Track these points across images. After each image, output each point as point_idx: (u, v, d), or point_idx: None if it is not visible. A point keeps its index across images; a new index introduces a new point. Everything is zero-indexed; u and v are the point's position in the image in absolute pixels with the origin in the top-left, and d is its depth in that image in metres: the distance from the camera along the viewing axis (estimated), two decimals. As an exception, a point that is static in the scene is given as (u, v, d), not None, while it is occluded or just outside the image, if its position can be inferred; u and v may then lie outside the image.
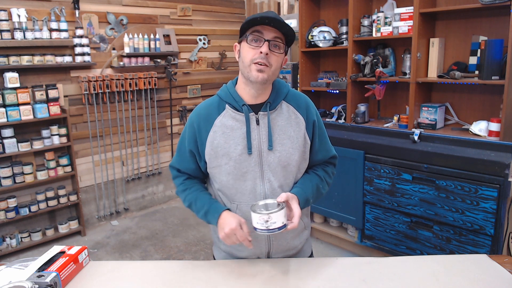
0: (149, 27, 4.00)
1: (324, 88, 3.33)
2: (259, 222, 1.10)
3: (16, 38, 3.08)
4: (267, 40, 1.17)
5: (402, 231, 2.67)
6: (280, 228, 1.11)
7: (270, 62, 1.18)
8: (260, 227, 1.11)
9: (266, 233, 1.11)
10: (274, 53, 1.18)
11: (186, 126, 1.33)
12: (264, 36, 1.17)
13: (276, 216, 1.10)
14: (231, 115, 1.26)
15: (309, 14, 3.40)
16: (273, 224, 1.09)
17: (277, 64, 1.21)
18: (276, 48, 1.19)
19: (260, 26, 1.18)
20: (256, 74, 1.18)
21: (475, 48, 2.53)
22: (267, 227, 1.10)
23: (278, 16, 1.19)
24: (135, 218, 4.04)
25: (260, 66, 1.17)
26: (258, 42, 1.18)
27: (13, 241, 3.23)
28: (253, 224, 1.12)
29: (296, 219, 1.14)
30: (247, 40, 1.19)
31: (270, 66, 1.18)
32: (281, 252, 1.34)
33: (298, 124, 1.29)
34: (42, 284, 1.07)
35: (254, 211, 1.12)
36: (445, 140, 2.53)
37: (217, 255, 1.45)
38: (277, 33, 1.18)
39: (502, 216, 2.19)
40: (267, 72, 1.18)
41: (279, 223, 1.10)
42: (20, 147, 3.16)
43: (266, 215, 1.09)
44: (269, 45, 1.17)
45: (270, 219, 1.09)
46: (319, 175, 1.35)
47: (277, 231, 1.10)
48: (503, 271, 1.21)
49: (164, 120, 4.33)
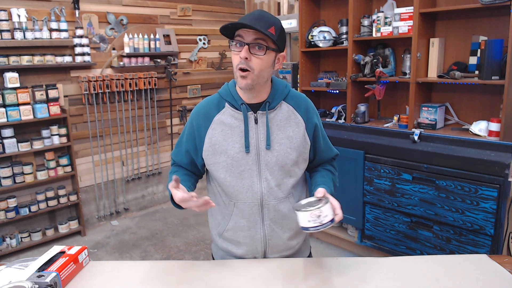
0: (149, 27, 4.00)
1: (324, 88, 3.33)
2: (311, 220, 1.10)
3: (16, 38, 3.08)
4: (246, 43, 1.15)
5: (402, 231, 2.67)
6: (332, 221, 1.11)
7: (252, 66, 1.16)
8: (313, 224, 1.10)
9: (321, 229, 1.10)
10: (255, 56, 1.16)
11: (187, 124, 1.36)
12: (244, 40, 1.15)
13: (326, 209, 1.10)
14: (230, 113, 1.27)
15: (309, 14, 3.41)
16: (325, 218, 1.10)
17: (261, 66, 1.17)
18: (256, 50, 1.15)
19: (240, 30, 1.16)
20: (240, 81, 1.19)
21: (475, 48, 2.53)
22: (320, 222, 1.09)
23: (263, 15, 1.16)
24: (135, 218, 4.04)
25: (242, 72, 1.16)
26: (240, 46, 1.17)
27: (13, 241, 3.24)
28: (303, 224, 1.11)
29: (339, 210, 1.15)
30: (231, 47, 1.20)
31: (252, 70, 1.16)
32: (277, 252, 1.34)
33: (297, 124, 1.29)
34: (42, 284, 1.07)
35: (300, 210, 1.11)
36: (445, 140, 2.53)
37: (215, 253, 1.46)
38: (258, 34, 1.14)
39: (502, 216, 2.19)
40: (250, 77, 1.17)
41: (330, 216, 1.11)
42: (20, 147, 3.16)
43: (318, 209, 1.09)
44: (249, 48, 1.15)
45: (321, 213, 1.09)
46: (331, 171, 1.40)
47: (330, 224, 1.10)
48: (503, 271, 1.20)
49: (164, 120, 4.33)
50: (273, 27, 1.15)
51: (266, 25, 1.13)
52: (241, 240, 1.32)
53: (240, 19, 1.17)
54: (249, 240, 1.31)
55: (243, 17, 1.18)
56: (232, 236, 1.33)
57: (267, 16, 1.17)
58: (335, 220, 1.12)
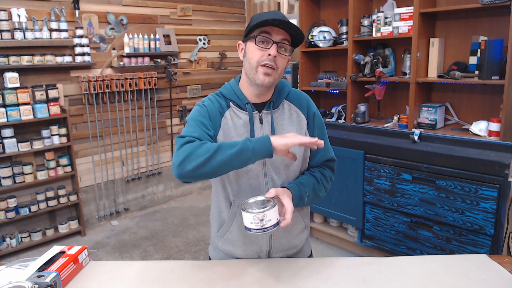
0: (149, 27, 4.00)
1: (324, 88, 3.33)
2: (253, 222, 1.04)
3: (16, 38, 3.07)
4: (275, 42, 1.16)
5: (402, 231, 2.67)
6: (275, 225, 1.05)
7: (277, 64, 1.18)
8: (254, 226, 1.04)
9: (261, 233, 1.05)
10: (281, 55, 1.18)
11: (197, 108, 1.24)
12: (272, 38, 1.16)
13: (271, 213, 1.04)
14: (235, 112, 1.26)
15: (309, 14, 3.40)
16: (268, 222, 1.04)
17: (283, 66, 1.21)
18: (283, 51, 1.18)
19: (268, 27, 1.16)
20: (262, 78, 1.18)
21: (475, 48, 2.53)
22: (262, 226, 1.04)
23: (286, 17, 1.18)
24: (135, 218, 4.04)
25: (268, 69, 1.17)
26: (266, 43, 1.17)
27: (13, 241, 3.23)
28: (246, 225, 1.07)
29: (289, 215, 1.09)
30: (255, 41, 1.18)
31: (276, 69, 1.18)
32: (281, 251, 1.34)
33: (299, 122, 1.30)
34: (42, 284, 1.07)
35: (245, 210, 1.06)
36: (445, 140, 2.53)
37: (214, 256, 1.43)
38: (285, 35, 1.17)
39: (502, 216, 2.19)
40: (274, 76, 1.19)
41: (274, 220, 1.05)
42: (20, 147, 3.16)
43: (261, 213, 1.03)
44: (277, 47, 1.16)
45: (265, 217, 1.03)
46: (315, 176, 1.31)
47: (272, 229, 1.05)
48: (503, 271, 1.20)
49: (164, 120, 4.33)
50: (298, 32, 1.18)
51: (296, 30, 1.17)
52: (246, 240, 1.31)
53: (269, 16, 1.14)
54: (254, 241, 1.30)
55: (272, 14, 1.15)
56: (236, 236, 1.31)
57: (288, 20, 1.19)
58: (279, 225, 1.07)
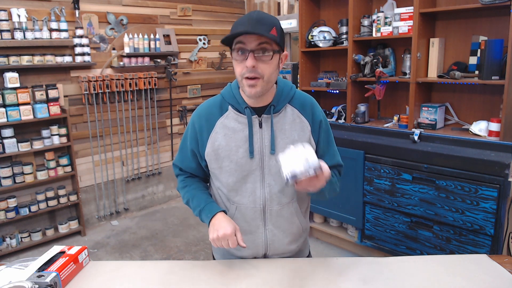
0: (149, 27, 4.00)
1: (324, 88, 3.33)
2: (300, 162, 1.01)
3: (16, 38, 3.07)
4: (251, 50, 1.09)
5: (402, 231, 2.66)
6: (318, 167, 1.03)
7: (261, 72, 1.11)
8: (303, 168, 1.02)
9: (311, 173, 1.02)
10: (263, 61, 1.10)
11: (188, 126, 1.32)
12: (247, 47, 1.09)
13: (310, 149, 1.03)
14: (233, 116, 1.23)
15: (309, 14, 3.40)
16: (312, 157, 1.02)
17: (269, 71, 1.13)
18: (264, 55, 1.10)
19: (241, 37, 1.09)
20: (249, 90, 1.13)
21: (475, 48, 2.52)
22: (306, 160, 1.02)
23: (261, 16, 1.10)
24: (135, 218, 4.04)
25: (250, 80, 1.11)
26: (243, 54, 1.10)
27: (13, 241, 3.23)
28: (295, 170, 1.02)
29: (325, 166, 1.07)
30: (233, 55, 1.14)
31: (261, 77, 1.11)
32: (277, 255, 1.34)
33: (302, 128, 1.25)
34: (42, 284, 1.07)
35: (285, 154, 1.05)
36: (445, 140, 2.53)
37: (216, 253, 1.45)
38: (261, 39, 1.08)
39: (502, 216, 2.19)
40: (260, 84, 1.12)
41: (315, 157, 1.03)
42: (20, 147, 3.16)
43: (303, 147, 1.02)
44: (254, 54, 1.09)
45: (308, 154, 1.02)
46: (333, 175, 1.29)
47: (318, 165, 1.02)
48: (503, 271, 1.20)
49: (164, 120, 4.32)
50: (274, 28, 1.10)
51: (268, 28, 1.08)
52: None
53: (238, 24, 1.10)
54: (250, 244, 1.29)
55: (240, 22, 1.10)
56: None
57: (266, 17, 1.11)
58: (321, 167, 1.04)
